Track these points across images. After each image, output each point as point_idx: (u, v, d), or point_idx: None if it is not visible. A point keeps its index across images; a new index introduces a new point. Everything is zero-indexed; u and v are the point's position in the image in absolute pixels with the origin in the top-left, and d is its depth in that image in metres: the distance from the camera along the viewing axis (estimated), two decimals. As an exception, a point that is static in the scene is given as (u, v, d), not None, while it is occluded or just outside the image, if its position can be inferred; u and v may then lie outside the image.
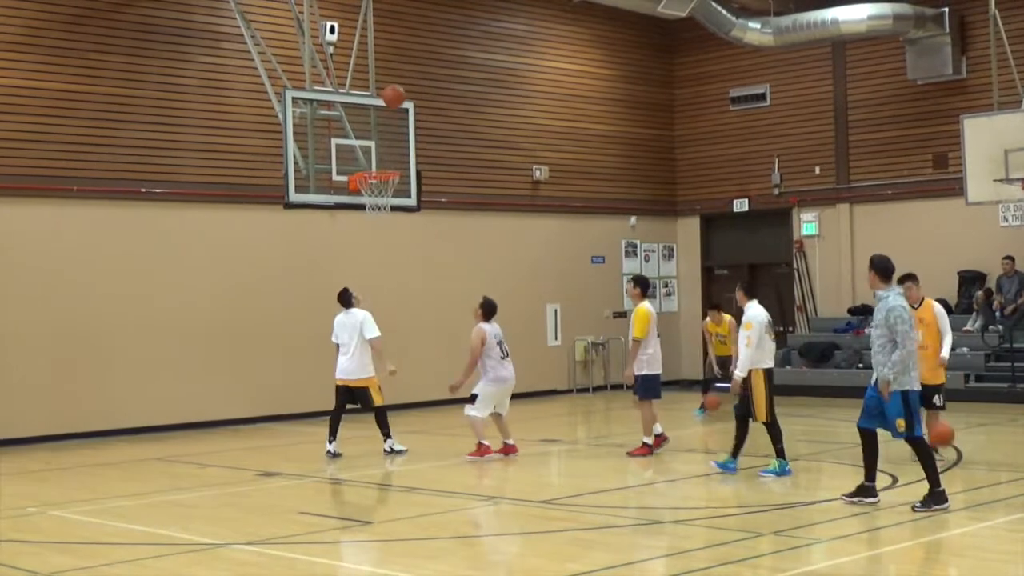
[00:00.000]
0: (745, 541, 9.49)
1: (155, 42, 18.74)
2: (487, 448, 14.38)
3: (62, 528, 11.01)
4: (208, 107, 19.20)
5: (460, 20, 22.57)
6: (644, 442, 14.46)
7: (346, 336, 15.05)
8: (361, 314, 15.06)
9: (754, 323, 12.59)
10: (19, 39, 17.50)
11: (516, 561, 9.32)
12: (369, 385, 15.03)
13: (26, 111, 17.50)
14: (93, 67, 18.16)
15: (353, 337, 14.97)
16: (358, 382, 15.00)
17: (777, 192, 24.38)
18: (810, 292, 23.95)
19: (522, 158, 23.36)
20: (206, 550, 9.74)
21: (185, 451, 16.30)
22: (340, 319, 15.25)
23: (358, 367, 14.99)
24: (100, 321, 18.06)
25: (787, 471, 12.55)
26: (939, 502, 10.31)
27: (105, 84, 18.23)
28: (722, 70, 25.13)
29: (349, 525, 10.46)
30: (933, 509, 10.25)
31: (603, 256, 24.60)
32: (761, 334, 12.57)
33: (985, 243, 21.27)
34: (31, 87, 17.58)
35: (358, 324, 14.94)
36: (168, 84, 18.83)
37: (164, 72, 18.80)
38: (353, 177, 15.36)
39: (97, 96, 18.15)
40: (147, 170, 18.58)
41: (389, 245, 20.91)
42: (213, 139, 19.23)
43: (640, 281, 14.91)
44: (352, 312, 15.13)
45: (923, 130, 22.54)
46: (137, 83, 18.52)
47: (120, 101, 18.34)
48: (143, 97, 18.57)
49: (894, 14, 21.29)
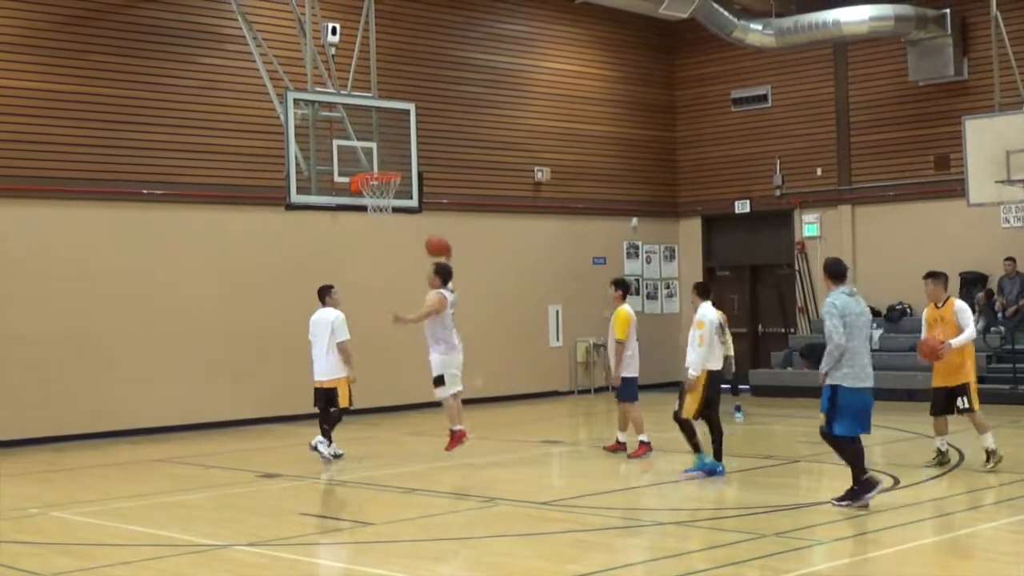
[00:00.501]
0: (746, 543, 9.49)
1: (156, 43, 18.76)
2: (462, 433, 14.20)
3: (64, 529, 11.01)
4: (209, 108, 19.21)
5: (461, 21, 22.58)
6: (641, 441, 14.41)
7: (317, 335, 14.82)
8: (334, 314, 14.77)
9: (706, 322, 12.70)
10: (19, 40, 17.51)
11: (517, 563, 9.32)
12: (338, 386, 14.82)
13: (26, 112, 17.51)
14: (94, 68, 18.17)
15: (323, 337, 14.74)
16: (329, 383, 14.81)
17: (779, 193, 24.37)
18: (811, 293, 23.94)
19: (523, 159, 23.37)
20: (208, 551, 9.74)
21: (187, 452, 16.31)
22: (314, 316, 15.00)
23: (328, 368, 14.76)
24: (102, 323, 18.07)
25: (707, 466, 12.65)
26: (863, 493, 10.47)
27: (106, 85, 18.24)
28: (724, 71, 25.13)
29: (350, 526, 10.46)
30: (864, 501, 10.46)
31: (604, 257, 24.59)
32: (712, 334, 12.71)
33: (987, 244, 21.26)
34: (31, 88, 17.59)
35: (329, 324, 14.66)
36: (169, 85, 18.84)
37: (165, 73, 18.81)
38: (355, 178, 15.36)
39: (98, 97, 18.15)
40: (148, 171, 18.59)
41: (390, 247, 20.90)
42: (214, 140, 19.24)
43: (620, 284, 14.88)
44: (326, 310, 14.86)
45: (924, 131, 22.53)
46: (138, 84, 18.52)
47: (121, 102, 18.35)
48: (144, 98, 18.57)
49: (896, 15, 21.28)
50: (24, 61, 17.54)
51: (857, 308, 10.66)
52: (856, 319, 10.56)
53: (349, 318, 14.96)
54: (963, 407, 12.62)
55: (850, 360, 10.49)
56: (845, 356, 10.48)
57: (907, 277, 22.52)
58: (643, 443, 14.39)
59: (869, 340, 10.80)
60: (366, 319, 19.73)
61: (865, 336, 10.66)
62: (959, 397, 12.62)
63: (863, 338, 10.62)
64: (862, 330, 10.62)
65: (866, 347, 10.66)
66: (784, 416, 18.89)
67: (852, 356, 10.49)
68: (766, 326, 25.10)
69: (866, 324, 10.71)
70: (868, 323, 10.77)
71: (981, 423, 12.67)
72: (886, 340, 22.10)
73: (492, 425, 14.77)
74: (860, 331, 10.58)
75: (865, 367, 10.57)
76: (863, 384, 10.55)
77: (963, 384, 12.62)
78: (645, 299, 25.35)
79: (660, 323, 24.56)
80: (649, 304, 25.37)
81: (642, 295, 25.31)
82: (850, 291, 10.79)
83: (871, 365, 10.69)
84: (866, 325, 10.70)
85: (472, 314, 22.43)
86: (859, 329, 10.57)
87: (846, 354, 10.47)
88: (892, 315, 22.47)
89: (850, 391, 10.50)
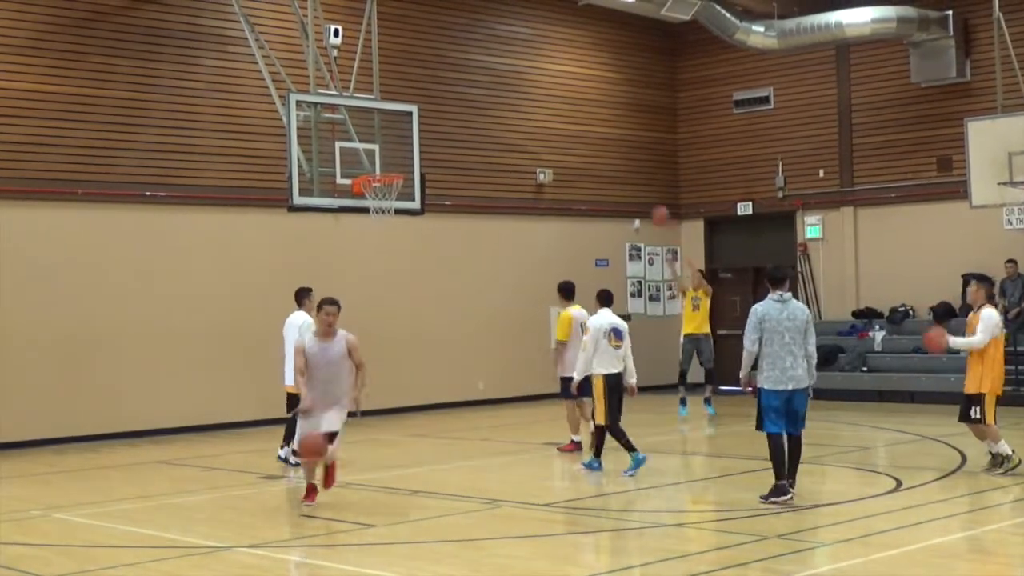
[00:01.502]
0: (750, 544, 9.48)
1: (159, 46, 18.77)
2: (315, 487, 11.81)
3: (65, 531, 11.01)
4: (212, 110, 19.22)
5: (464, 23, 22.58)
6: (572, 440, 15.02)
7: (288, 338, 14.10)
8: (301, 318, 14.10)
9: (592, 328, 13.22)
10: (24, 43, 17.52)
11: (519, 564, 9.31)
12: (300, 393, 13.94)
13: (30, 114, 17.53)
14: (97, 70, 18.18)
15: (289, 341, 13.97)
16: (293, 388, 13.25)
17: (781, 195, 24.36)
18: (814, 295, 23.93)
19: (526, 161, 23.36)
20: (209, 553, 9.74)
21: (188, 454, 16.31)
22: (289, 319, 14.40)
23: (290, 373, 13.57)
24: (104, 324, 18.07)
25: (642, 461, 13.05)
26: (780, 494, 11.03)
27: (109, 87, 18.25)
28: (726, 73, 25.12)
29: (352, 528, 10.45)
30: (772, 501, 10.97)
31: (607, 259, 24.59)
32: (598, 340, 13.08)
33: (989, 246, 21.23)
34: (36, 90, 17.61)
35: (297, 328, 13.69)
36: (172, 87, 18.85)
37: (168, 75, 18.82)
38: (357, 180, 15.37)
39: (101, 99, 18.16)
40: (151, 173, 18.60)
41: (393, 248, 20.91)
42: (217, 142, 19.25)
43: (561, 288, 15.32)
44: (297, 314, 14.26)
45: (927, 133, 22.52)
46: (141, 86, 18.54)
47: (124, 104, 18.36)
48: (147, 100, 18.59)
49: (898, 17, 21.27)
50: (27, 63, 17.55)
51: (780, 315, 11.15)
52: (777, 325, 11.10)
53: (351, 320, 14.85)
54: (974, 416, 12.54)
55: (770, 364, 11.10)
56: (766, 360, 11.10)
57: (909, 279, 22.59)
58: (574, 441, 14.98)
59: (802, 343, 11.18)
60: (368, 321, 19.78)
61: (788, 340, 11.10)
62: (972, 407, 12.55)
63: (783, 343, 11.09)
64: (783, 335, 11.09)
65: (791, 351, 11.11)
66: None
67: (772, 360, 11.10)
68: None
69: (791, 329, 11.11)
70: (796, 328, 11.14)
71: (992, 435, 12.53)
72: (888, 342, 22.08)
73: (494, 427, 14.77)
74: (780, 336, 11.09)
75: (787, 370, 11.08)
76: (783, 386, 11.07)
77: (979, 394, 12.52)
78: (647, 301, 25.35)
79: (662, 325, 24.53)
80: (652, 306, 25.37)
81: (644, 297, 25.31)
82: (779, 297, 11.23)
83: (801, 368, 11.13)
84: (790, 330, 11.11)
85: (474, 316, 22.48)
86: (779, 335, 11.09)
87: (766, 359, 11.09)
88: (894, 317, 22.45)
89: (770, 392, 11.11)
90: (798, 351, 11.12)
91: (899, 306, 22.53)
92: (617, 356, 13.21)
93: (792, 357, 11.07)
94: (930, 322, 21.86)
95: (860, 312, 23.03)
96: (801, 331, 11.18)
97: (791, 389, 11.09)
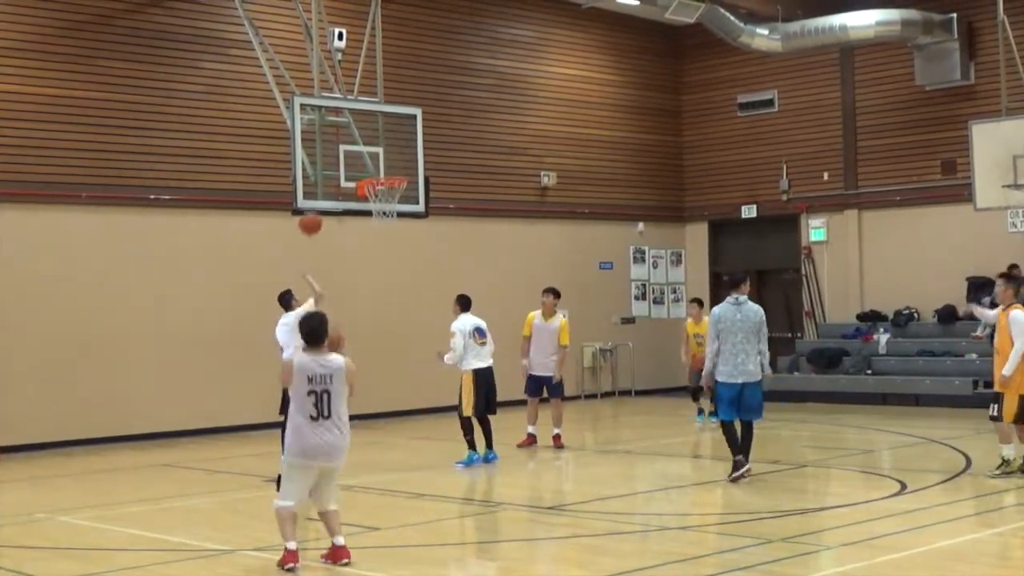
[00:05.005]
0: (754, 547, 9.47)
1: (163, 49, 18.79)
2: None
3: (70, 534, 11.02)
4: (216, 113, 19.23)
5: (468, 26, 22.59)
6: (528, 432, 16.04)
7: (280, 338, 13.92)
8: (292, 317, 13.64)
9: (457, 332, 14.47)
10: (27, 46, 17.55)
11: (523, 567, 9.31)
12: None
13: (34, 117, 17.55)
14: (101, 73, 18.20)
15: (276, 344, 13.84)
16: None
17: (785, 198, 24.35)
18: (818, 298, 23.92)
19: (530, 164, 23.37)
20: (214, 556, 9.74)
21: (193, 457, 16.32)
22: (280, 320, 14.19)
23: None
24: (108, 327, 18.08)
25: (475, 461, 14.25)
26: (737, 468, 12.43)
27: (113, 90, 18.27)
28: (730, 76, 25.12)
29: (356, 531, 10.45)
30: (734, 477, 12.37)
31: (611, 262, 24.59)
32: (465, 340, 14.42)
33: (993, 249, 21.19)
34: (39, 94, 17.62)
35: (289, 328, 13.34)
36: (176, 90, 18.87)
37: (172, 78, 18.84)
38: (361, 183, 15.35)
39: (105, 102, 18.18)
40: (155, 176, 18.61)
41: (397, 251, 20.91)
42: (221, 145, 19.26)
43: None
44: (287, 315, 14.06)
45: (931, 136, 22.50)
46: (145, 89, 18.55)
47: (128, 107, 18.38)
48: (151, 103, 18.60)
49: (902, 20, 21.26)
50: (32, 66, 17.57)
51: (735, 316, 12.49)
52: (731, 325, 12.45)
53: (353, 322, 14.89)
54: (992, 414, 12.52)
55: (724, 360, 12.46)
56: (721, 357, 12.46)
57: (914, 281, 22.56)
58: (530, 435, 16.00)
59: (755, 341, 12.48)
60: (371, 324, 19.82)
61: (741, 339, 12.40)
62: (991, 405, 12.55)
63: (736, 342, 12.41)
64: (736, 335, 12.41)
65: (744, 348, 12.41)
66: (791, 421, 18.86)
67: (726, 357, 12.44)
68: (772, 331, 24.86)
69: (743, 329, 12.42)
70: (749, 328, 12.44)
71: (1005, 434, 12.47)
72: (892, 345, 22.05)
73: (498, 429, 14.77)
74: (735, 335, 12.41)
75: (738, 365, 12.40)
76: (735, 380, 12.43)
77: (998, 394, 12.44)
78: (652, 304, 25.34)
79: (667, 328, 24.52)
80: (656, 309, 25.36)
81: (648, 300, 25.30)
82: (735, 300, 12.58)
83: (753, 363, 12.44)
84: (743, 330, 12.42)
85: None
86: (733, 334, 12.42)
87: (722, 355, 12.46)
88: (898, 320, 22.42)
89: (723, 385, 12.55)
90: (751, 349, 12.45)
91: (903, 309, 22.50)
92: (484, 352, 14.52)
93: (745, 354, 12.41)
94: (935, 324, 21.94)
95: (864, 315, 23.00)
96: (754, 331, 12.50)
97: (742, 383, 12.43)
